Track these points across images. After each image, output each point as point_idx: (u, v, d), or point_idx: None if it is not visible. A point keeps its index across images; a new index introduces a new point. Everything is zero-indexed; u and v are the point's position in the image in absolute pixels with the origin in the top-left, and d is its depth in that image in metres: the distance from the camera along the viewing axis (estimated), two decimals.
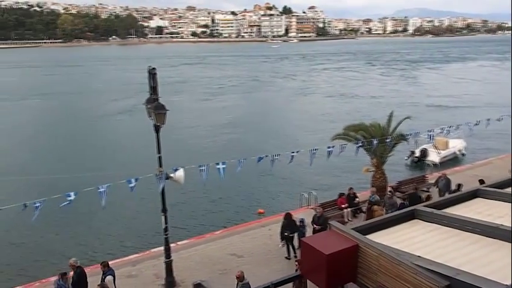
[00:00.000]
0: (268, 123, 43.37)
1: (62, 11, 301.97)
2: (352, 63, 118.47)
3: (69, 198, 10.71)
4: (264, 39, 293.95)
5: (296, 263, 11.56)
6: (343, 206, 17.25)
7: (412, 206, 11.39)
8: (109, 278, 11.35)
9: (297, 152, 14.73)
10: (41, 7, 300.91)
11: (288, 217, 14.40)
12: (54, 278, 11.74)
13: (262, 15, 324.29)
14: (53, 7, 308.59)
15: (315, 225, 14.28)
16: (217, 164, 12.89)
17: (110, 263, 11.69)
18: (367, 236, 9.31)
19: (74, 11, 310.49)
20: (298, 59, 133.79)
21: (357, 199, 17.73)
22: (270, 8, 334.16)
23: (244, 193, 23.72)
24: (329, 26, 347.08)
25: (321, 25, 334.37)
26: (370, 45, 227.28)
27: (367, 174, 19.89)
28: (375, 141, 16.81)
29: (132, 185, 11.52)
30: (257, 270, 13.17)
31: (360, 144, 16.87)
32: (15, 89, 71.79)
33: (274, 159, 13.92)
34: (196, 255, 14.51)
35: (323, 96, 61.83)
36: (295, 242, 14.12)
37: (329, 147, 15.24)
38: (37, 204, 10.44)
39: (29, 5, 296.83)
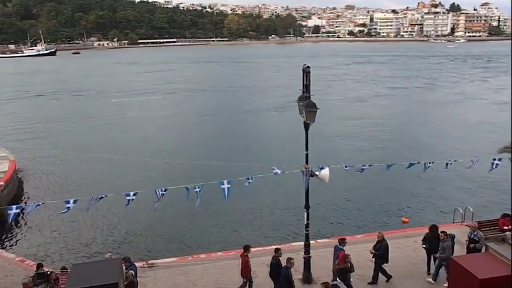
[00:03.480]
0: (424, 127, 40.52)
1: (229, 12, 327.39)
2: None
3: (223, 187, 11.50)
4: (425, 38, 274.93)
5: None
6: (505, 227, 15.22)
7: None
8: (131, 273, 11.91)
9: (454, 161, 13.47)
10: (212, 8, 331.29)
11: (433, 230, 13.28)
12: (202, 255, 12.78)
13: (426, 13, 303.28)
14: (222, 8, 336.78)
15: (470, 244, 12.87)
16: (363, 166, 12.60)
17: (251, 249, 12.37)
18: None
19: (239, 12, 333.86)
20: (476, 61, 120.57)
21: None
22: (435, 6, 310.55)
23: (388, 199, 22.66)
24: (504, 25, 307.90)
25: (494, 23, 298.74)
26: None
27: None
28: None
29: (276, 171, 11.90)
30: (398, 283, 12.50)
31: None
32: (189, 82, 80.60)
33: (426, 167, 12.99)
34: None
35: (489, 103, 55.22)
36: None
37: (494, 160, 13.55)
38: (197, 189, 11.47)
39: (202, 7, 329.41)
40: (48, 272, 12.28)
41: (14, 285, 12.96)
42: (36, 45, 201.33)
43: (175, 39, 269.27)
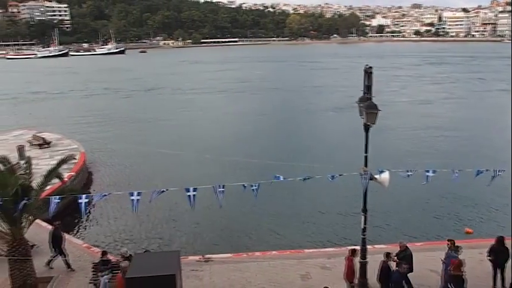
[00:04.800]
0: (499, 133, 38.12)
1: (291, 11, 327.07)
2: None
3: (277, 176, 11.57)
4: (498, 38, 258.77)
5: None
6: None
7: None
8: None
9: None
10: (274, 8, 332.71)
11: (500, 241, 12.51)
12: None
13: (500, 11, 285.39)
14: (284, 8, 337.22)
15: None
16: (427, 171, 12.10)
17: (306, 251, 12.33)
18: None
19: (301, 11, 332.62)
20: None
21: None
22: (511, 4, 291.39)
23: (452, 207, 21.61)
24: None
25: None
26: None
27: None
28: None
29: (332, 175, 11.77)
30: None
31: None
32: (257, 81, 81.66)
33: (496, 175, 12.27)
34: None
35: None
36: (508, 274, 12.21)
37: None
38: (254, 187, 11.61)
39: (264, 6, 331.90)
40: (116, 260, 13.01)
41: (80, 269, 13.81)
42: (107, 44, 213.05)
43: (236, 39, 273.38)
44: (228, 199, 20.63)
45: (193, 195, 11.15)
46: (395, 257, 12.18)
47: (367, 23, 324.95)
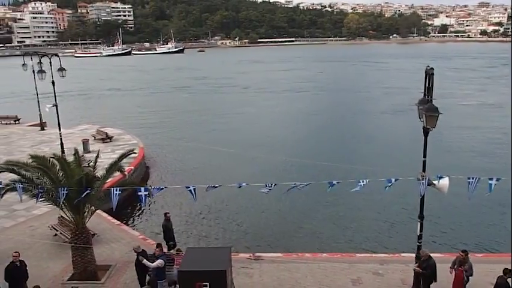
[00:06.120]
0: None
1: (350, 11, 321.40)
2: None
3: (334, 182, 11.45)
4: None
5: None
6: None
7: None
8: (160, 261, 12.05)
9: None
10: (332, 7, 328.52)
11: None
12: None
13: None
14: (342, 7, 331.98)
15: None
16: (490, 179, 11.42)
17: (357, 255, 12.07)
18: None
19: (360, 10, 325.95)
20: None
21: None
22: None
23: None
24: None
25: None
26: None
27: None
28: None
29: (389, 184, 11.45)
30: None
31: None
32: (320, 81, 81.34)
33: None
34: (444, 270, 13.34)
35: None
36: None
37: None
38: (305, 187, 11.56)
39: (322, 6, 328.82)
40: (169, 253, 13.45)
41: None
42: (167, 44, 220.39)
43: (293, 39, 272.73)
44: (279, 198, 20.89)
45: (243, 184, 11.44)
46: (418, 266, 11.77)
47: (430, 22, 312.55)
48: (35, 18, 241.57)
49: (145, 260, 12.39)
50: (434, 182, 11.39)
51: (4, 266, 12.08)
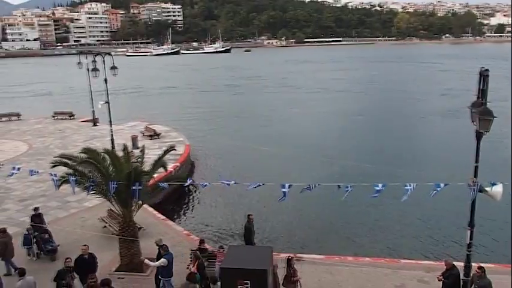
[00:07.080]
0: None
1: (400, 10, 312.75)
2: None
3: (377, 189, 11.16)
4: None
5: None
6: None
7: None
8: (163, 260, 11.88)
9: None
10: (381, 6, 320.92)
11: None
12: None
13: None
14: (392, 6, 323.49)
15: None
16: None
17: (402, 261, 11.74)
18: None
19: (411, 10, 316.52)
20: None
21: None
22: None
23: None
24: None
25: None
26: None
27: None
28: None
29: (438, 189, 11.04)
30: None
31: None
32: (376, 82, 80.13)
33: None
34: (501, 284, 12.72)
35: None
36: None
37: None
38: (348, 188, 11.37)
39: (371, 5, 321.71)
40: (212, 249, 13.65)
41: (179, 255, 14.66)
42: (214, 43, 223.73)
43: (340, 38, 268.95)
44: (322, 200, 20.66)
45: (287, 191, 11.35)
46: (441, 276, 11.45)
47: (485, 21, 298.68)
48: (90, 18, 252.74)
49: (146, 259, 12.70)
50: (486, 188, 10.89)
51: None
